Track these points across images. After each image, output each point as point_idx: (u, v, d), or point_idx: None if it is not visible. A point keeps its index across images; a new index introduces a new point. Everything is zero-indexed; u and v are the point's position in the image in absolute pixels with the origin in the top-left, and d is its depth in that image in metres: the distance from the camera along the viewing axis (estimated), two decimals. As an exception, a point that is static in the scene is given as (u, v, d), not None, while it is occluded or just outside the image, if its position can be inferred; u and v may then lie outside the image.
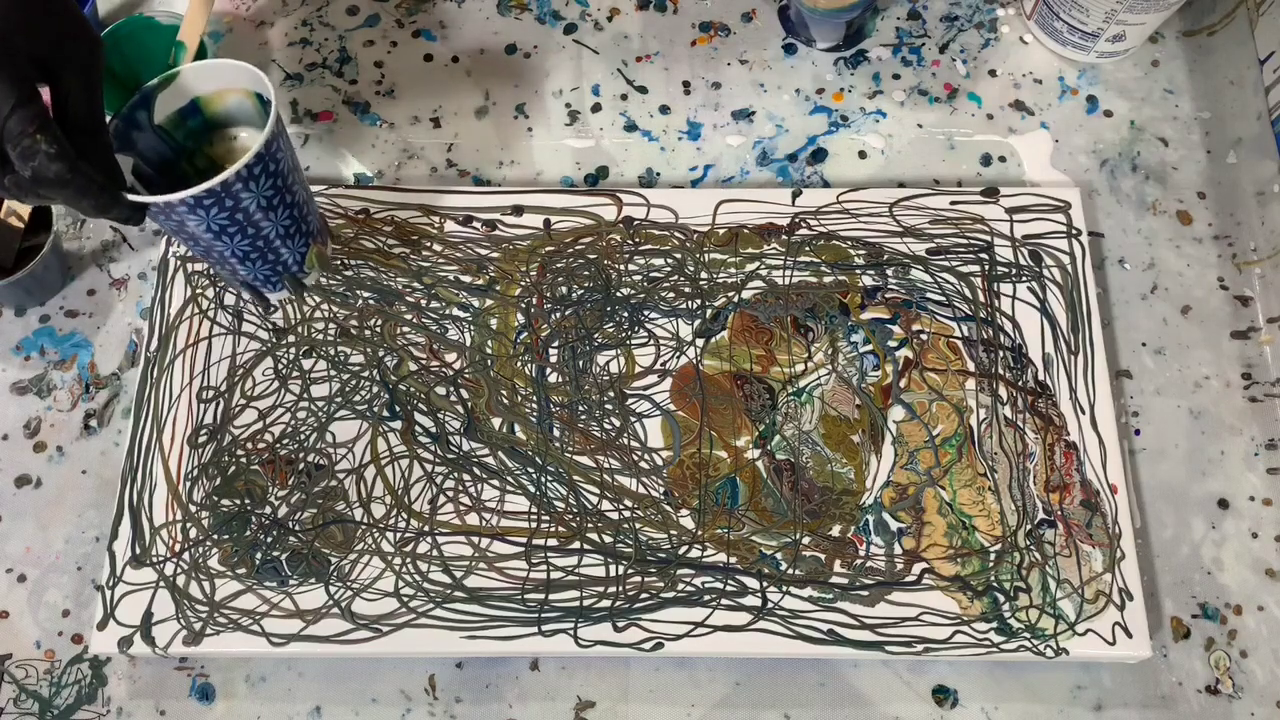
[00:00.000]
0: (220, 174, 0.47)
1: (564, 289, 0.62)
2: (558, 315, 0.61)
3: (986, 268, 0.62)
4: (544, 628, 0.54)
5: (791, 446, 0.58)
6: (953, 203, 0.63)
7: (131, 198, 0.47)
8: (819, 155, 0.68)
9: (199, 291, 0.62)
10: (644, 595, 0.54)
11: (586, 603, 0.54)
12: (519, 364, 0.60)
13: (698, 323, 0.61)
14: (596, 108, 0.69)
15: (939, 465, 0.57)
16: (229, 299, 0.61)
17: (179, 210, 0.48)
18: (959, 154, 0.67)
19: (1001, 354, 0.60)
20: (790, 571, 0.55)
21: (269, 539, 0.56)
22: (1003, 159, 0.67)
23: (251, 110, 0.54)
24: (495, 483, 0.57)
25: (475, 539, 0.56)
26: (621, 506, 0.56)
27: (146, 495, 0.57)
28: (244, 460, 0.58)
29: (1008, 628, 0.54)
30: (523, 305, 0.61)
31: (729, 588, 0.55)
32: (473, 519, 0.56)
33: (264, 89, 0.51)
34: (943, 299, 0.61)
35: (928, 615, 0.54)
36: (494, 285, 0.62)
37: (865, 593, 0.54)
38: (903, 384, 0.59)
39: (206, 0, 0.63)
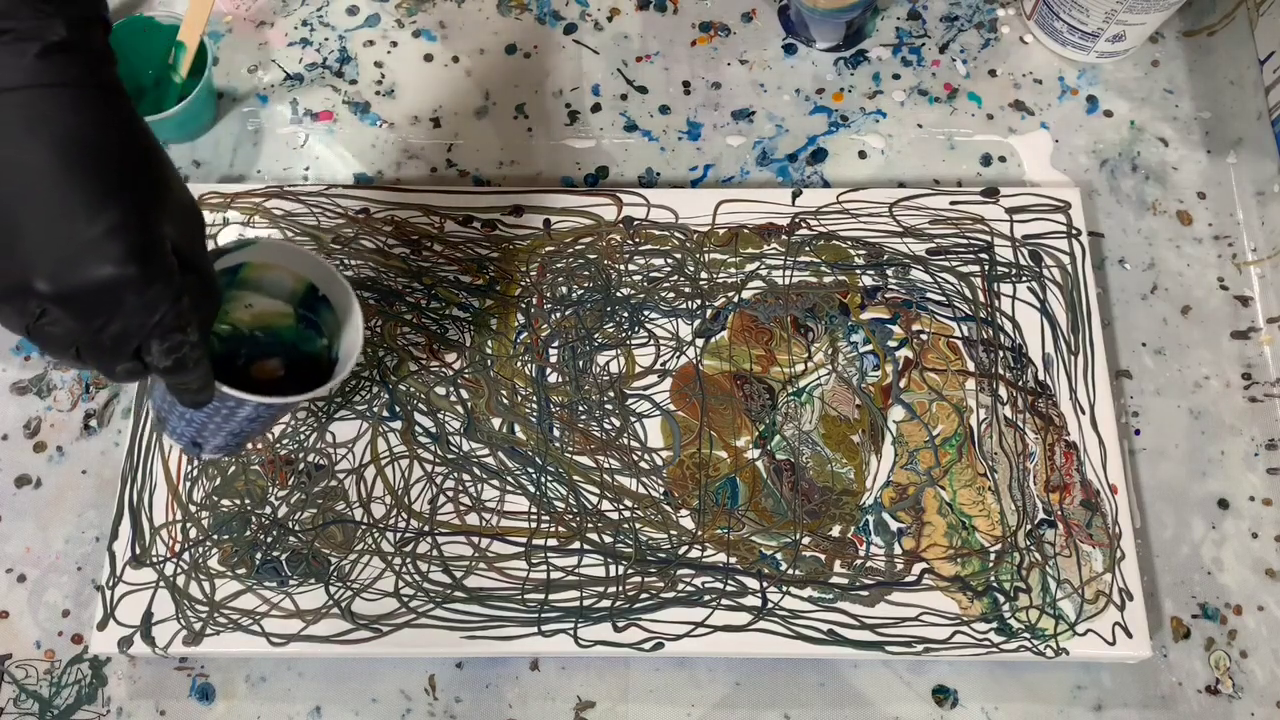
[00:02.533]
0: (330, 381, 0.48)
1: (564, 289, 0.62)
2: (558, 315, 0.61)
3: (986, 268, 0.62)
4: (544, 628, 0.54)
5: (791, 446, 0.58)
6: (953, 203, 0.63)
7: (247, 397, 0.45)
8: (819, 155, 0.68)
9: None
10: (644, 595, 0.54)
11: (586, 603, 0.54)
12: (519, 364, 0.60)
13: (698, 323, 0.61)
14: (596, 108, 0.69)
15: (939, 465, 0.57)
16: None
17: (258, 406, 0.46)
18: (959, 154, 0.67)
19: (1001, 354, 0.60)
20: (790, 571, 0.55)
21: (269, 539, 0.56)
22: (1003, 159, 0.67)
23: (285, 287, 0.51)
24: (495, 483, 0.57)
25: (475, 539, 0.56)
26: (621, 506, 0.56)
27: (146, 495, 0.57)
28: (244, 460, 0.58)
29: (1008, 628, 0.54)
30: (523, 305, 0.61)
31: (729, 588, 0.55)
32: (473, 519, 0.56)
33: (333, 286, 0.51)
34: (943, 299, 0.61)
35: (928, 615, 0.54)
36: (494, 285, 0.62)
37: (865, 593, 0.54)
38: (903, 384, 0.59)
39: (206, 0, 0.63)
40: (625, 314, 0.61)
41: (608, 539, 0.56)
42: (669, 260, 0.62)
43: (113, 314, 0.36)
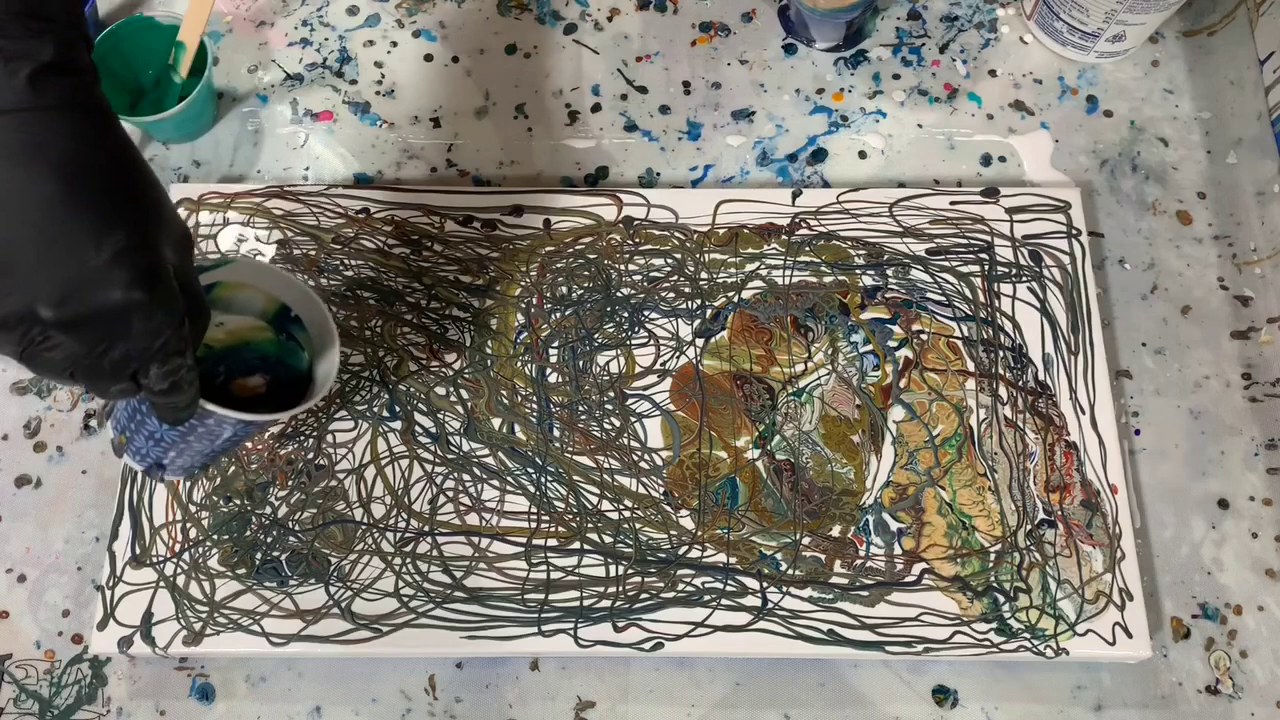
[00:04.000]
0: (307, 401, 0.48)
1: (564, 289, 0.62)
2: (558, 315, 0.61)
3: (986, 268, 0.62)
4: (544, 628, 0.54)
5: (791, 447, 0.58)
6: (953, 203, 0.63)
7: (230, 414, 0.44)
8: (819, 155, 0.68)
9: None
10: (644, 595, 0.54)
11: (586, 603, 0.54)
12: (519, 364, 0.60)
13: (698, 323, 0.61)
14: (596, 108, 0.69)
15: (939, 465, 0.57)
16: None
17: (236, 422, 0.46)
18: (959, 154, 0.67)
19: (1001, 354, 0.60)
20: (790, 572, 0.55)
21: (269, 539, 0.56)
22: (1003, 159, 0.67)
23: (256, 306, 0.51)
24: (495, 483, 0.57)
25: (475, 539, 0.56)
26: (621, 506, 0.56)
27: (146, 495, 0.57)
28: (244, 459, 0.58)
29: (1008, 628, 0.54)
30: (523, 305, 0.61)
31: (729, 588, 0.55)
32: (473, 519, 0.56)
33: (309, 307, 0.50)
34: (943, 299, 0.61)
35: (928, 615, 0.54)
36: (494, 285, 0.62)
37: (865, 593, 0.54)
38: (903, 384, 0.59)
39: (206, 0, 0.63)
40: (625, 314, 0.61)
41: (608, 539, 0.56)
42: (669, 260, 0.62)
43: (118, 339, 0.36)
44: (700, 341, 0.60)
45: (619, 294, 0.61)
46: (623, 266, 0.62)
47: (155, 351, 0.37)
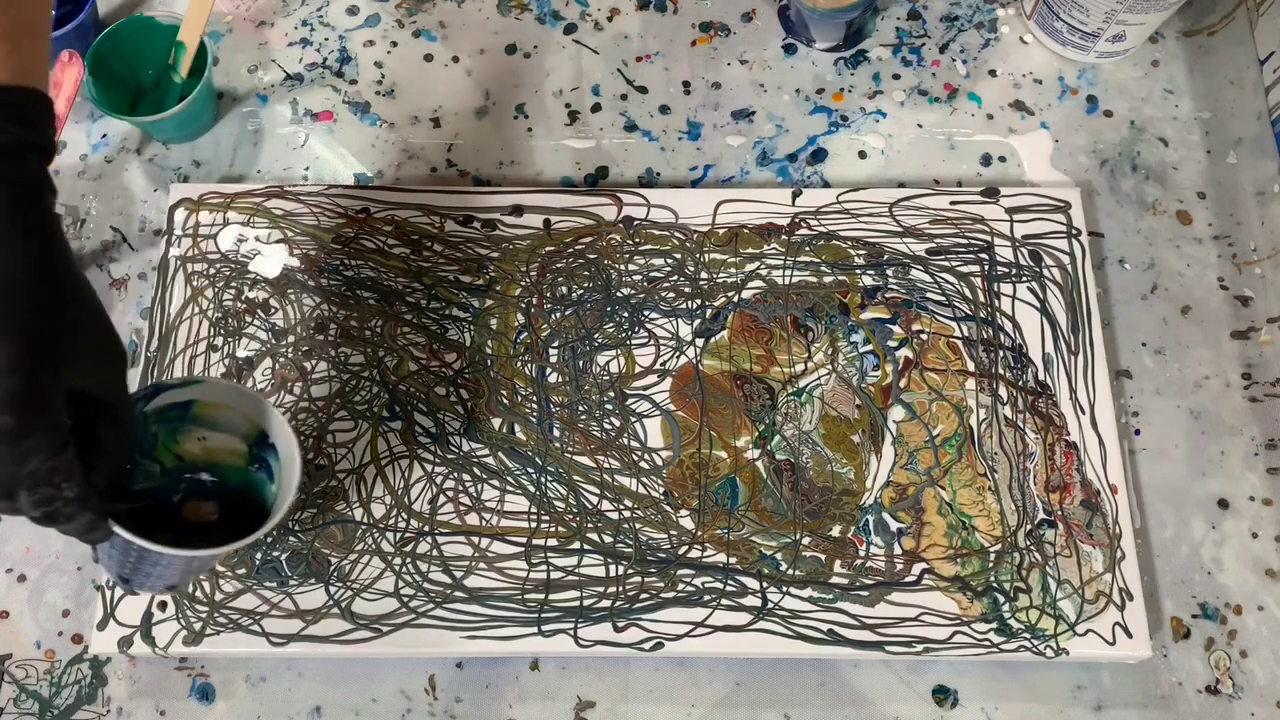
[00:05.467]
0: (253, 534, 0.45)
1: (564, 289, 0.62)
2: (558, 315, 0.61)
3: (986, 268, 0.62)
4: (544, 628, 0.54)
5: (791, 447, 0.58)
6: (953, 203, 0.63)
7: (137, 541, 0.42)
8: (819, 155, 0.68)
9: (199, 291, 0.62)
10: (644, 595, 0.54)
11: (586, 603, 0.54)
12: (519, 364, 0.60)
13: (698, 323, 0.61)
14: (596, 108, 0.69)
15: (939, 465, 0.57)
16: (226, 298, 0.61)
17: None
18: (959, 154, 0.67)
19: (1001, 354, 0.60)
20: (790, 572, 0.55)
21: (269, 539, 0.56)
22: (1003, 159, 0.67)
23: (240, 427, 0.50)
24: (495, 483, 0.57)
25: (475, 539, 0.56)
26: (621, 506, 0.56)
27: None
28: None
29: (1008, 628, 0.54)
30: (523, 305, 0.61)
31: (729, 588, 0.55)
32: (473, 519, 0.56)
33: (281, 436, 0.48)
34: (943, 299, 0.61)
35: (928, 615, 0.54)
36: (494, 285, 0.62)
37: (865, 593, 0.54)
38: (903, 384, 0.59)
39: (206, 0, 0.63)
40: (625, 314, 0.61)
41: (608, 539, 0.56)
42: (669, 260, 0.62)
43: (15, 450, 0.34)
44: (700, 341, 0.60)
45: (619, 294, 0.61)
46: (623, 266, 0.62)
47: (22, 478, 0.35)
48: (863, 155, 0.68)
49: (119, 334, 0.40)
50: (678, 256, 0.62)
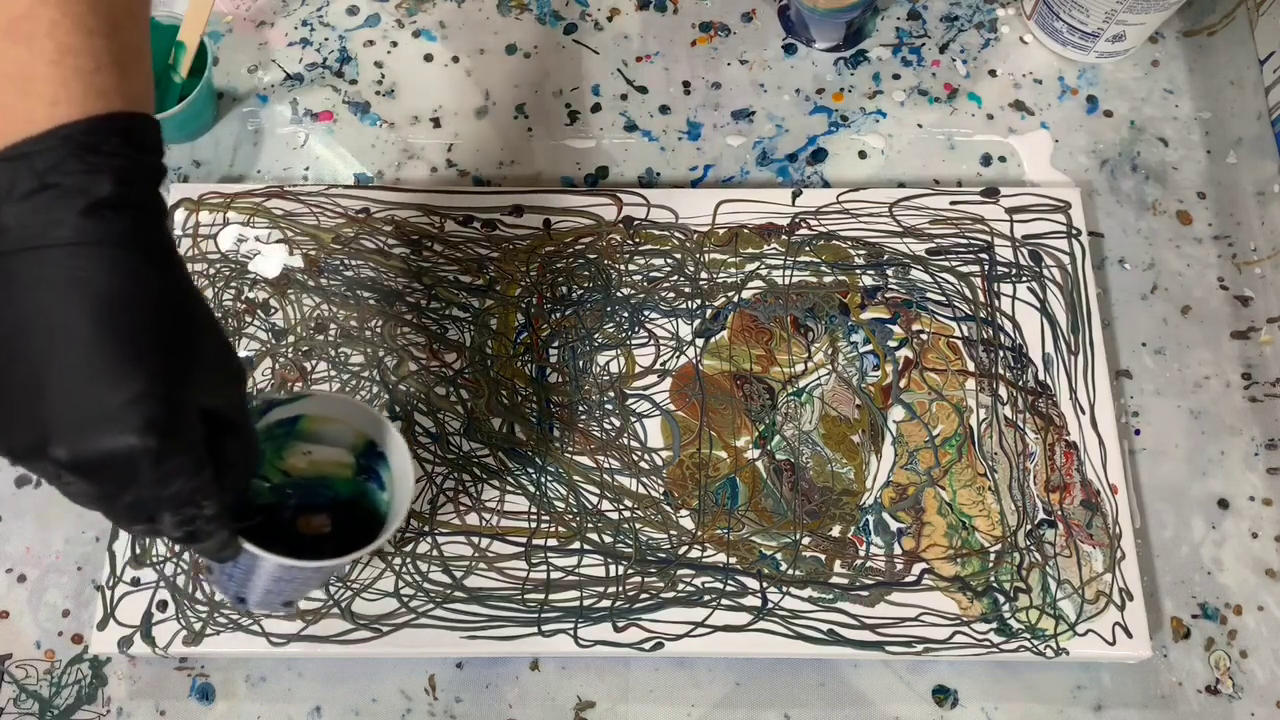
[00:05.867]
0: (374, 542, 0.45)
1: (564, 289, 0.62)
2: (558, 315, 0.61)
3: (986, 268, 0.62)
4: (544, 628, 0.54)
5: (791, 446, 0.58)
6: (953, 203, 0.63)
7: (289, 561, 0.42)
8: (819, 155, 0.68)
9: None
10: (644, 595, 0.54)
11: (586, 603, 0.54)
12: (519, 364, 0.60)
13: (698, 323, 0.61)
14: (596, 108, 0.69)
15: (939, 465, 0.57)
16: (226, 298, 0.61)
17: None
18: (959, 154, 0.67)
19: (1001, 354, 0.60)
20: (790, 572, 0.55)
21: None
22: (1003, 159, 0.67)
23: (347, 439, 0.50)
24: (495, 483, 0.57)
25: (475, 539, 0.56)
26: (621, 506, 0.56)
27: (146, 495, 0.57)
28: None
29: (1008, 628, 0.54)
30: (523, 305, 0.61)
31: (729, 588, 0.55)
32: (473, 519, 0.56)
33: (392, 443, 0.48)
34: (943, 299, 0.61)
35: (928, 615, 0.54)
36: (494, 285, 0.62)
37: (865, 593, 0.54)
38: (903, 384, 0.59)
39: (206, 0, 0.63)
40: (625, 314, 0.61)
41: (608, 539, 0.56)
42: (669, 260, 0.62)
43: (127, 484, 0.35)
44: (700, 341, 0.60)
45: (619, 294, 0.61)
46: (623, 266, 0.62)
47: (166, 500, 0.36)
48: (863, 155, 0.68)
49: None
50: (678, 256, 0.62)
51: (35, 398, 0.33)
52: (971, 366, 0.59)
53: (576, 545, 0.56)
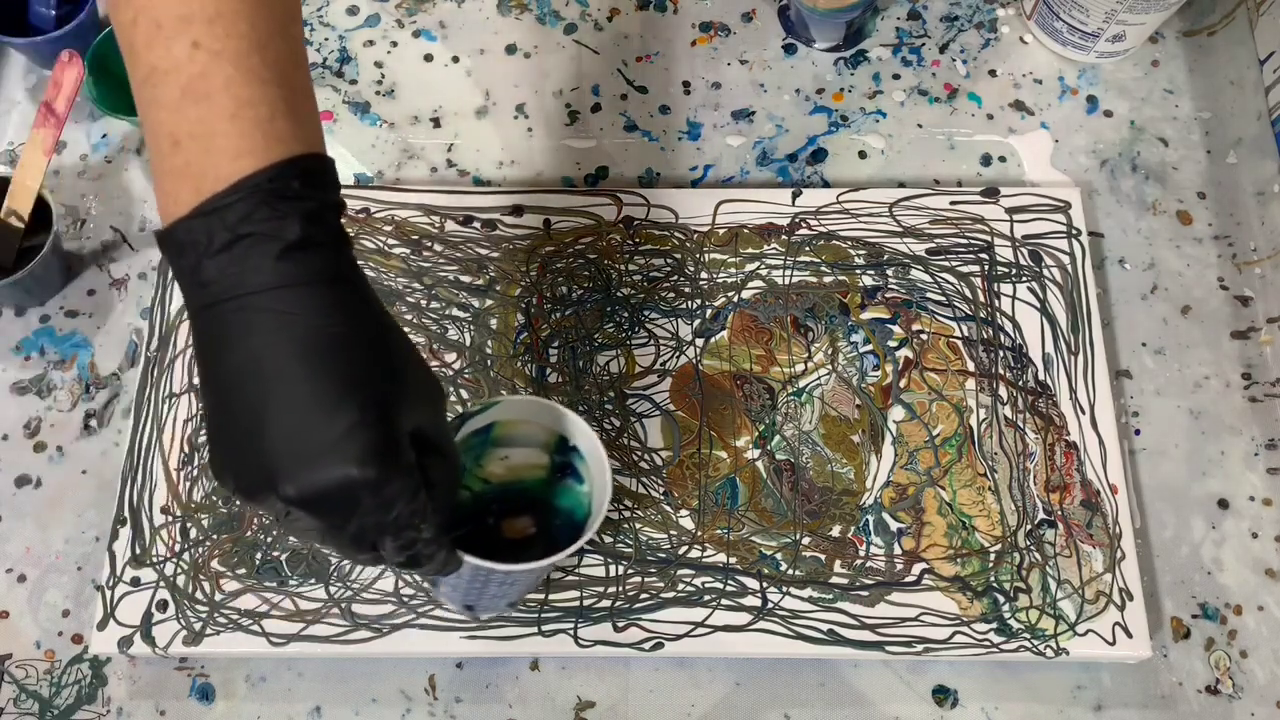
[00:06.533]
0: (571, 546, 0.45)
1: (564, 289, 0.62)
2: (558, 315, 0.61)
3: (986, 268, 0.62)
4: (544, 628, 0.54)
5: (791, 446, 0.58)
6: (953, 203, 0.63)
7: (486, 565, 0.43)
8: (819, 155, 0.68)
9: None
10: (644, 595, 0.54)
11: (586, 603, 0.54)
12: (519, 364, 0.60)
13: (698, 323, 0.61)
14: (596, 108, 0.69)
15: (939, 465, 0.57)
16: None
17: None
18: (959, 154, 0.67)
19: (1001, 354, 0.60)
20: (790, 572, 0.55)
21: (269, 539, 0.56)
22: (1003, 159, 0.67)
23: (539, 438, 0.50)
24: (495, 483, 0.57)
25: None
26: (621, 506, 0.56)
27: (146, 495, 0.57)
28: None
29: (1008, 628, 0.54)
30: (523, 305, 0.61)
31: (729, 588, 0.55)
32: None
33: (583, 438, 0.48)
34: (943, 299, 0.61)
35: (928, 615, 0.54)
36: (494, 285, 0.62)
37: (865, 593, 0.54)
38: (903, 384, 0.59)
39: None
40: (625, 314, 0.61)
41: (608, 539, 0.56)
42: (669, 260, 0.62)
43: (350, 514, 0.36)
44: (700, 341, 0.60)
45: (619, 294, 0.61)
46: (623, 266, 0.62)
47: (388, 525, 0.37)
48: (863, 155, 0.68)
49: (434, 374, 0.41)
50: (678, 256, 0.62)
51: (259, 438, 0.34)
52: (971, 366, 0.59)
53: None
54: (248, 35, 0.36)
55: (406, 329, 0.60)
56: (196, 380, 0.47)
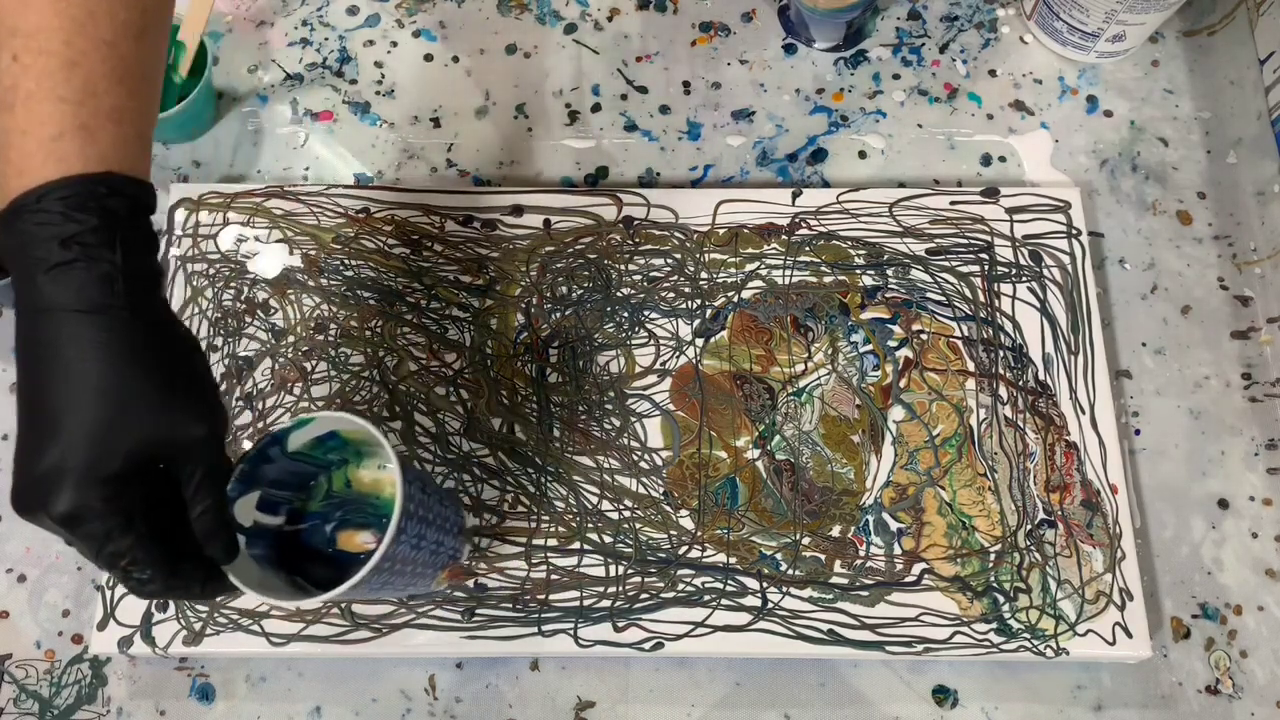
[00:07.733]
0: (351, 577, 0.42)
1: (564, 289, 0.62)
2: (558, 315, 0.61)
3: (986, 268, 0.62)
4: (544, 628, 0.54)
5: (791, 446, 0.58)
6: (953, 203, 0.63)
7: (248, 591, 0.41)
8: (819, 155, 0.68)
9: (199, 291, 0.62)
10: (644, 595, 0.54)
11: (586, 603, 0.54)
12: (519, 364, 0.60)
13: (698, 323, 0.61)
14: (596, 108, 0.69)
15: (939, 465, 0.57)
16: (226, 298, 0.61)
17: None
18: (959, 154, 0.67)
19: (1001, 354, 0.60)
20: (790, 572, 0.55)
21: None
22: (1003, 159, 0.67)
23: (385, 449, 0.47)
24: (495, 483, 0.57)
25: (475, 539, 0.56)
26: (621, 506, 0.56)
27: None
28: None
29: (1008, 628, 0.54)
30: (523, 305, 0.61)
31: (729, 588, 0.55)
32: (472, 519, 0.56)
33: (389, 459, 0.45)
34: (943, 299, 0.61)
35: (928, 615, 0.54)
36: (494, 285, 0.62)
37: (865, 593, 0.54)
38: (903, 384, 0.59)
39: (206, 0, 0.63)
40: (625, 314, 0.61)
41: (608, 539, 0.56)
42: (669, 260, 0.62)
43: (77, 540, 0.37)
44: (700, 341, 0.60)
45: (619, 294, 0.61)
46: (623, 266, 0.62)
47: (100, 561, 0.38)
48: (863, 155, 0.68)
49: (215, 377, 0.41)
50: (678, 256, 0.62)
51: (47, 453, 0.37)
52: (971, 366, 0.59)
53: (576, 545, 0.56)
54: (59, 53, 0.37)
55: (406, 329, 0.60)
56: None
